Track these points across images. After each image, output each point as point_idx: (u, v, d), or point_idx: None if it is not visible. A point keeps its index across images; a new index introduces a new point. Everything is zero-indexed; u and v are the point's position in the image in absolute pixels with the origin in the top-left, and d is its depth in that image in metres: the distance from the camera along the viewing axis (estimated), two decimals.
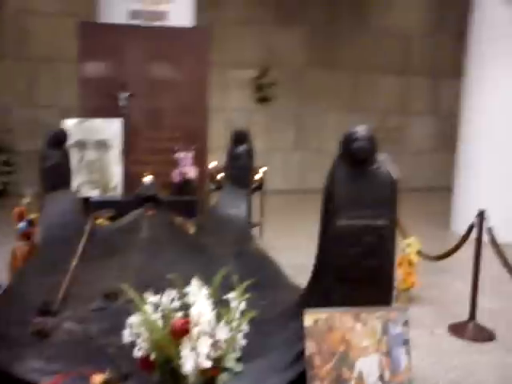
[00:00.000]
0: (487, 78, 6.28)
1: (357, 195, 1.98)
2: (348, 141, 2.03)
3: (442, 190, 8.45)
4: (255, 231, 5.98)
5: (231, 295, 1.95)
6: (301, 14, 9.74)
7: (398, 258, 4.04)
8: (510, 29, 6.07)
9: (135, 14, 5.80)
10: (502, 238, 3.73)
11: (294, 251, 5.55)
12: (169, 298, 1.93)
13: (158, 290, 2.00)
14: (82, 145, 5.04)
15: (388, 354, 2.05)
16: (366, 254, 1.98)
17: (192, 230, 3.68)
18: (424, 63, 10.48)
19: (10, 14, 8.63)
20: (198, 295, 1.91)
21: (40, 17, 8.68)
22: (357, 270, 2.00)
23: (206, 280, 2.05)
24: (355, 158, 2.00)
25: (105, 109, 5.32)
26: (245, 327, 1.94)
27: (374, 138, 2.06)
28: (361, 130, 2.06)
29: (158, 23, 5.80)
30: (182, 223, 3.72)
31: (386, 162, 2.10)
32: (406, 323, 2.07)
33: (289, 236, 6.26)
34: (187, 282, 2.00)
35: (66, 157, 4.10)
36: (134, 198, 3.93)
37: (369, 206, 1.97)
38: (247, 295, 1.94)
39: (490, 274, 3.92)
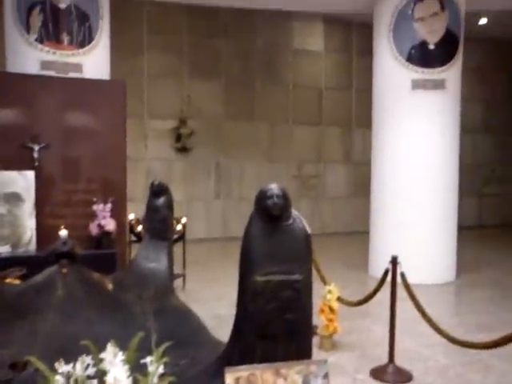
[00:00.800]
0: (392, 127, 6.74)
1: (272, 251, 2.02)
2: (262, 198, 2.09)
3: (360, 234, 8.81)
4: (178, 283, 5.88)
5: (149, 359, 1.88)
6: (216, 68, 10.06)
7: (319, 304, 4.12)
8: (407, 89, 6.59)
9: (47, 65, 5.69)
10: (413, 279, 3.92)
11: (218, 301, 5.50)
12: (82, 365, 1.82)
13: (72, 356, 1.88)
14: None
15: None
16: (283, 308, 2.01)
17: (110, 286, 3.55)
18: (334, 114, 11.09)
19: None
20: (114, 361, 1.82)
21: None
22: (275, 325, 2.02)
23: (124, 341, 1.97)
24: (270, 214, 2.06)
25: (17, 160, 5.11)
26: None
27: (287, 194, 2.13)
28: (274, 187, 2.13)
29: (72, 75, 5.72)
30: (99, 279, 3.57)
31: (299, 218, 2.18)
32: (326, 375, 2.09)
33: (212, 286, 6.19)
34: (104, 346, 1.91)
35: None
36: (47, 254, 3.72)
37: (284, 261, 2.02)
38: (165, 358, 1.88)
39: (406, 316, 4.09)
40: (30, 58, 5.68)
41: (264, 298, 2.00)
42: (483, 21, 10.70)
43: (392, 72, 6.68)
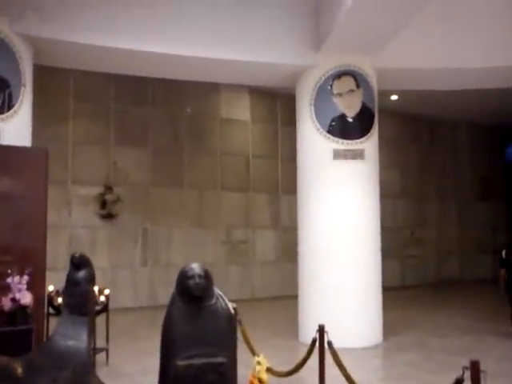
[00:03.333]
0: (316, 195, 6.98)
1: (195, 333, 1.96)
2: (183, 278, 2.04)
3: (289, 298, 8.81)
4: (101, 357, 5.53)
5: None
6: (144, 135, 10.11)
7: (248, 376, 4.00)
8: (328, 158, 6.90)
9: None
10: (342, 343, 3.94)
11: (144, 376, 5.22)
12: None
13: None
14: None
15: None
16: None
17: (19, 370, 3.25)
18: (262, 181, 11.37)
19: None
20: None
21: None
22: None
23: None
24: (191, 294, 2.01)
25: None
26: None
27: (209, 274, 2.10)
28: (196, 266, 2.10)
29: None
30: (6, 364, 3.27)
31: (222, 297, 2.14)
32: None
33: (138, 359, 5.88)
34: None
35: None
36: None
37: (207, 343, 1.97)
38: None
39: (335, 381, 4.06)
40: None
41: (187, 383, 1.91)
42: (394, 97, 11.66)
43: (314, 142, 7.01)
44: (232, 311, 2.11)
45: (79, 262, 3.90)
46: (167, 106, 10.42)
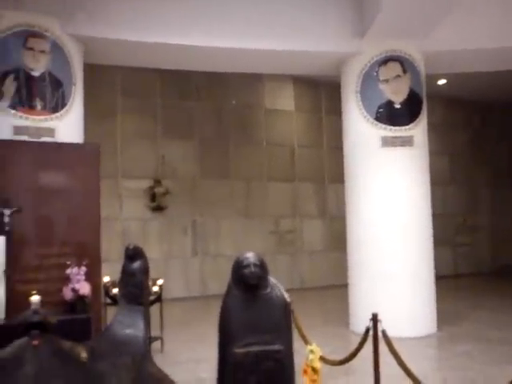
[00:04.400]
0: (364, 184, 6.89)
1: (251, 321, 1.98)
2: (239, 267, 2.06)
3: (338, 287, 8.77)
4: (156, 346, 5.70)
5: None
6: (190, 128, 10.25)
7: (302, 365, 4.02)
8: (376, 146, 6.79)
9: (20, 130, 5.72)
10: (394, 332, 3.89)
11: (198, 364, 5.35)
12: None
13: None
14: None
15: None
16: (265, 380, 1.94)
17: (84, 355, 3.39)
18: (308, 170, 11.30)
19: None
20: None
21: None
22: None
23: None
24: (247, 283, 2.02)
25: None
26: None
27: (264, 262, 2.11)
28: (251, 255, 2.11)
29: (45, 139, 5.75)
30: (72, 349, 3.42)
31: (277, 286, 2.15)
32: None
33: (191, 347, 6.03)
34: None
35: None
36: (17, 325, 3.57)
37: (264, 331, 1.98)
38: None
39: (390, 372, 4.00)
40: (3, 123, 5.70)
41: (244, 370, 1.94)
42: (442, 81, 11.30)
43: (361, 130, 6.91)
44: (287, 299, 2.12)
45: (134, 254, 4.00)
46: (212, 99, 10.51)
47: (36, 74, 5.83)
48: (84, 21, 6.20)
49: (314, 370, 4.05)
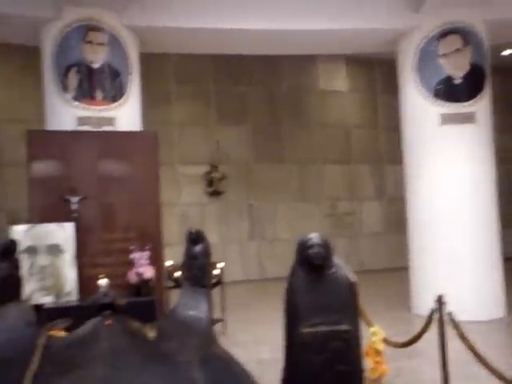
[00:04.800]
0: (423, 164, 6.68)
1: (317, 301, 1.98)
2: (303, 248, 2.05)
3: (398, 270, 8.61)
4: (218, 328, 5.83)
5: None
6: (243, 113, 10.27)
7: (365, 347, 3.99)
8: (435, 124, 6.57)
9: (83, 121, 5.95)
10: (459, 316, 3.78)
11: (259, 345, 5.43)
12: None
13: None
14: (32, 250, 4.91)
15: None
16: (333, 360, 1.94)
17: (151, 334, 3.52)
18: (364, 152, 11.09)
19: None
20: None
21: None
22: (326, 377, 1.95)
23: None
24: (312, 264, 2.02)
25: (56, 211, 5.25)
26: None
27: (328, 243, 2.10)
28: (315, 236, 2.10)
29: (105, 128, 5.94)
30: (140, 329, 3.56)
31: (342, 266, 2.13)
32: None
33: (252, 329, 6.13)
34: None
35: (16, 266, 3.94)
36: (89, 305, 3.75)
37: (330, 311, 1.97)
38: None
39: (457, 357, 3.91)
40: (67, 114, 5.94)
41: (312, 350, 1.94)
42: (507, 52, 10.68)
43: (419, 108, 6.70)
44: (353, 279, 2.11)
45: (196, 237, 4.07)
46: (264, 83, 10.48)
47: (96, 66, 6.03)
48: (138, 11, 6.32)
49: (377, 352, 4.02)
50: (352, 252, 10.72)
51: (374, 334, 4.05)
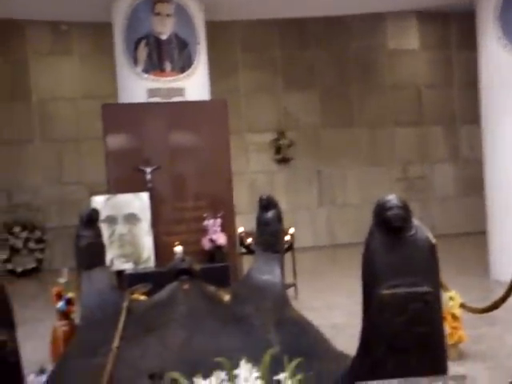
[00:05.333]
0: (504, 123, 6.29)
1: (397, 263, 1.94)
2: (382, 210, 2.00)
3: (473, 235, 8.30)
4: (290, 292, 5.92)
5: (282, 376, 1.89)
6: (311, 78, 10.06)
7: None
8: None
9: (153, 92, 6.08)
10: None
11: (332, 310, 5.46)
12: (217, 380, 1.88)
13: (203, 369, 1.96)
14: (112, 220, 5.16)
15: None
16: (413, 321, 1.91)
17: (227, 298, 3.64)
18: (437, 112, 10.59)
19: (37, 101, 9.12)
20: (249, 378, 1.86)
21: (65, 102, 9.17)
22: (405, 338, 1.93)
23: (249, 354, 2.01)
24: (391, 226, 1.97)
25: (131, 182, 5.48)
26: None
27: (407, 204, 2.03)
28: (393, 197, 2.04)
29: (175, 99, 6.05)
30: (216, 293, 3.69)
31: (421, 228, 2.07)
32: None
33: (323, 294, 6.17)
34: (230, 358, 1.96)
35: (99, 234, 4.18)
36: (167, 271, 3.92)
37: (410, 273, 1.93)
38: (299, 376, 1.88)
39: None
40: (138, 87, 6.10)
41: (392, 312, 1.92)
42: None
43: (501, 62, 6.25)
44: (433, 241, 2.05)
45: (267, 204, 4.14)
46: (331, 46, 10.19)
47: (164, 37, 6.12)
48: None
49: (454, 317, 3.94)
50: (424, 216, 10.37)
51: (451, 299, 3.96)
